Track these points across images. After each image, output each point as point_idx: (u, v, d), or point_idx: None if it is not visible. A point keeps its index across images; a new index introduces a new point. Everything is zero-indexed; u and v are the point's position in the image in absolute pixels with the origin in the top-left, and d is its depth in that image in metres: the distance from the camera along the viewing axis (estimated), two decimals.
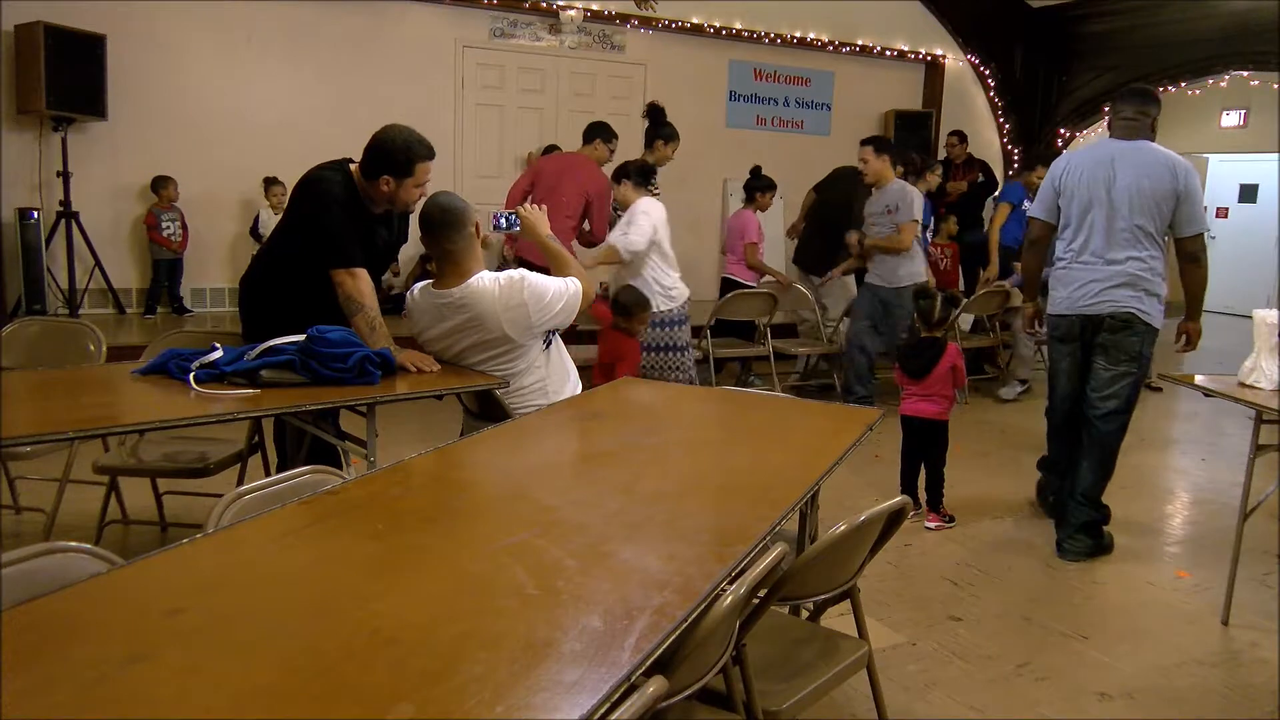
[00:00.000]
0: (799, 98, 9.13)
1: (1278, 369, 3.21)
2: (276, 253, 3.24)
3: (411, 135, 3.04)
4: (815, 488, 2.15)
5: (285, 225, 3.23)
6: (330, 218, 3.00)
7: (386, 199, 3.07)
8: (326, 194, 3.03)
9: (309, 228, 3.05)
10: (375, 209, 3.13)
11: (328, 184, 3.04)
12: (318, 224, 3.02)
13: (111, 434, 3.01)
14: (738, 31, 8.50)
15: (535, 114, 8.04)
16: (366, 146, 3.04)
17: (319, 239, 3.01)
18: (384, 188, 3.02)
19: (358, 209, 3.08)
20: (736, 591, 1.51)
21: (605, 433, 2.59)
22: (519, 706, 1.15)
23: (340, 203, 3.02)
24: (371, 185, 3.05)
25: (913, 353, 4.09)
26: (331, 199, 3.02)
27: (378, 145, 3.02)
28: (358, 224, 3.07)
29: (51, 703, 1.13)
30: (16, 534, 3.51)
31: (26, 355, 3.47)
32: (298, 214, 3.13)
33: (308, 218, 3.06)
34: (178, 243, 6.70)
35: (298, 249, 3.08)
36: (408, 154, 3.00)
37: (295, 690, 1.19)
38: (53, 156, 6.27)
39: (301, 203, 3.09)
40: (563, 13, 7.72)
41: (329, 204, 3.01)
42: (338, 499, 1.88)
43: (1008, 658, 2.94)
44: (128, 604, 1.41)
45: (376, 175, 3.02)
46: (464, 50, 7.68)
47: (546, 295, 2.90)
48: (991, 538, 3.97)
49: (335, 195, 3.03)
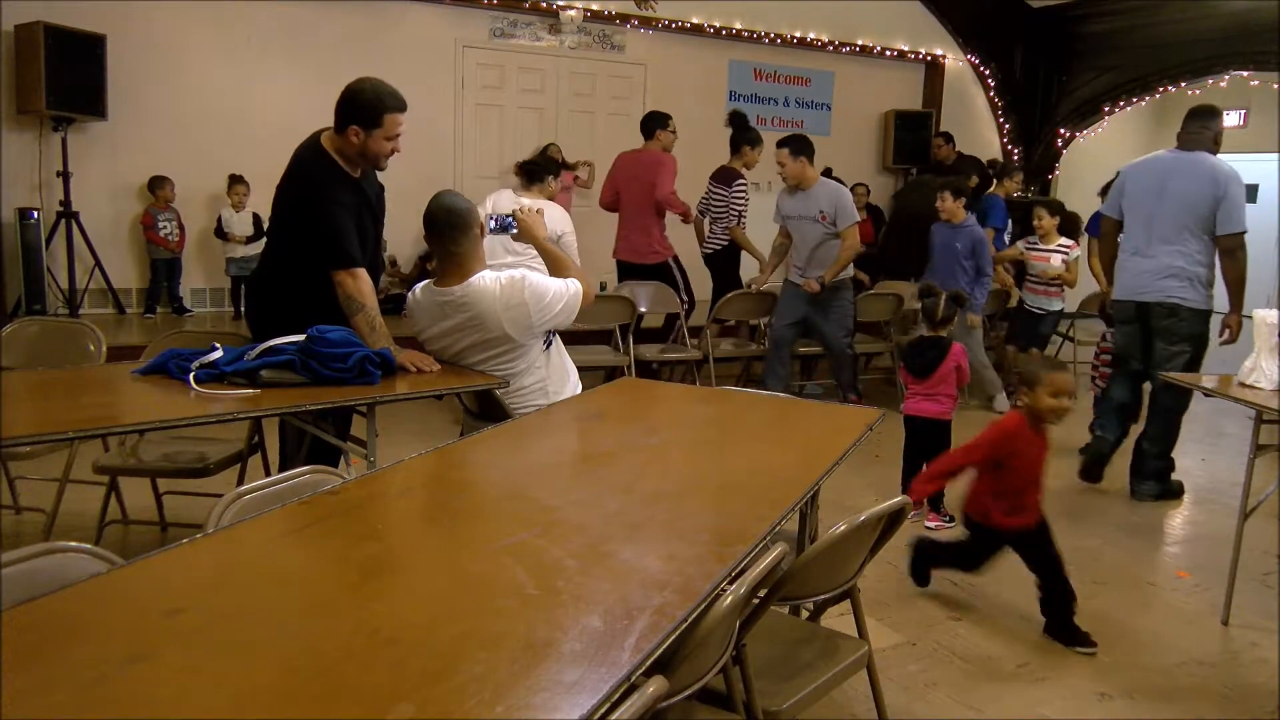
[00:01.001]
0: (799, 98, 9.13)
1: (1278, 369, 3.21)
2: (281, 252, 3.19)
3: (382, 86, 3.01)
4: (815, 488, 2.15)
5: (279, 222, 3.19)
6: (323, 215, 2.97)
7: (358, 152, 3.02)
8: (313, 185, 2.99)
9: (304, 228, 3.02)
10: (352, 171, 3.08)
11: (306, 168, 3.01)
12: (313, 224, 2.99)
13: (111, 434, 3.01)
14: (738, 31, 8.50)
15: (535, 114, 8.04)
16: (338, 99, 3.00)
17: (317, 240, 2.99)
18: (353, 139, 2.98)
19: (335, 180, 3.03)
20: (736, 591, 1.51)
21: (605, 433, 2.59)
22: (519, 706, 1.15)
23: (323, 189, 2.98)
24: (342, 139, 3.01)
25: (916, 352, 4.09)
26: (317, 190, 2.98)
27: (347, 96, 2.99)
28: (342, 194, 3.01)
29: (51, 703, 1.13)
30: (16, 534, 3.51)
31: (26, 355, 3.46)
32: (290, 212, 3.09)
33: (303, 219, 3.02)
34: (175, 242, 6.70)
35: (297, 247, 3.06)
36: (377, 104, 2.97)
37: (295, 690, 1.19)
38: (53, 156, 6.26)
39: (291, 200, 3.06)
40: (563, 13, 7.72)
41: (319, 199, 2.97)
42: (338, 499, 1.88)
43: (1008, 658, 2.94)
44: (128, 604, 1.41)
45: (346, 126, 2.98)
46: (464, 50, 7.68)
47: (547, 295, 2.90)
48: None
49: (319, 183, 2.98)
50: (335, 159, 3.05)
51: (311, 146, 3.07)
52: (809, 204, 5.49)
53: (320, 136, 3.08)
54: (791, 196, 5.61)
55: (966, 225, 5.85)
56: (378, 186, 3.27)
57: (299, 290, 3.05)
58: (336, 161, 3.05)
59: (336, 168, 3.05)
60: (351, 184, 3.09)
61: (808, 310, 5.63)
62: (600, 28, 8.10)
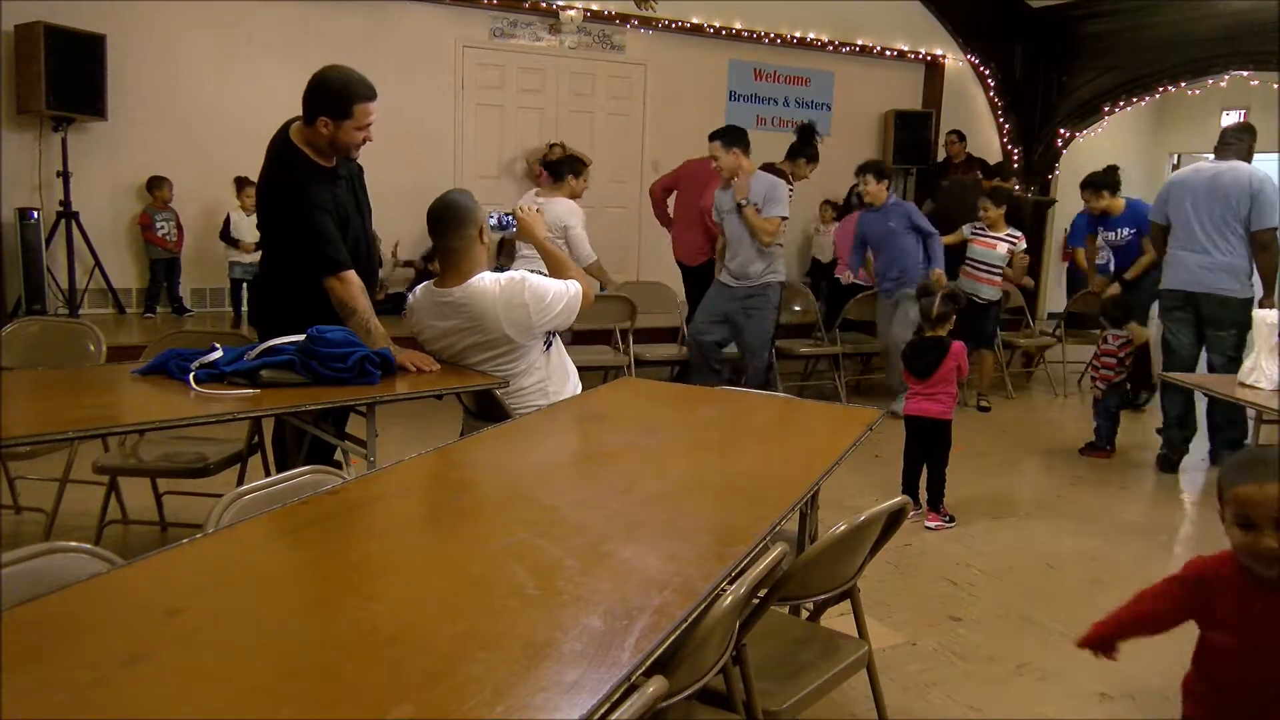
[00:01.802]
0: (799, 98, 9.12)
1: (1278, 369, 3.21)
2: (274, 251, 3.18)
3: (350, 75, 2.94)
4: (815, 488, 2.15)
5: (266, 222, 3.16)
6: (302, 220, 2.92)
7: (328, 143, 2.95)
8: (286, 187, 2.94)
9: (286, 230, 2.99)
10: (325, 161, 3.01)
11: (277, 167, 2.96)
12: (292, 229, 2.95)
13: (111, 434, 3.01)
14: (738, 31, 8.49)
15: (535, 114, 8.03)
16: (305, 89, 2.93)
17: (301, 245, 2.95)
18: (323, 130, 2.91)
19: (308, 177, 2.95)
20: (736, 591, 1.51)
21: (605, 433, 2.59)
22: (519, 706, 1.15)
23: (297, 191, 2.92)
24: (312, 130, 2.94)
25: (917, 353, 4.09)
26: (291, 193, 2.92)
27: (315, 86, 2.92)
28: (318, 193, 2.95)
29: (51, 703, 1.13)
30: (16, 534, 3.51)
31: (26, 355, 3.46)
32: (271, 212, 3.06)
33: (283, 222, 2.99)
34: (173, 243, 6.69)
35: (286, 246, 3.03)
36: (345, 93, 2.90)
37: (295, 690, 1.19)
38: (53, 156, 6.26)
39: (270, 201, 3.04)
40: (563, 13, 7.72)
41: (295, 203, 2.92)
42: (338, 499, 1.88)
43: (1008, 658, 2.94)
44: (128, 604, 1.41)
45: (315, 117, 2.91)
46: (464, 50, 7.67)
47: (547, 296, 2.90)
48: (991, 538, 3.97)
49: (292, 184, 2.92)
50: (306, 152, 2.98)
51: (281, 142, 3.00)
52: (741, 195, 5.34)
53: (289, 129, 3.01)
54: (726, 191, 5.43)
55: (890, 203, 5.89)
56: (355, 168, 3.19)
57: (298, 288, 3.03)
58: (307, 155, 2.98)
59: (308, 162, 2.97)
60: (326, 176, 3.01)
61: (730, 309, 5.47)
62: (600, 28, 8.10)
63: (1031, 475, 4.35)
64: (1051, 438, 5.76)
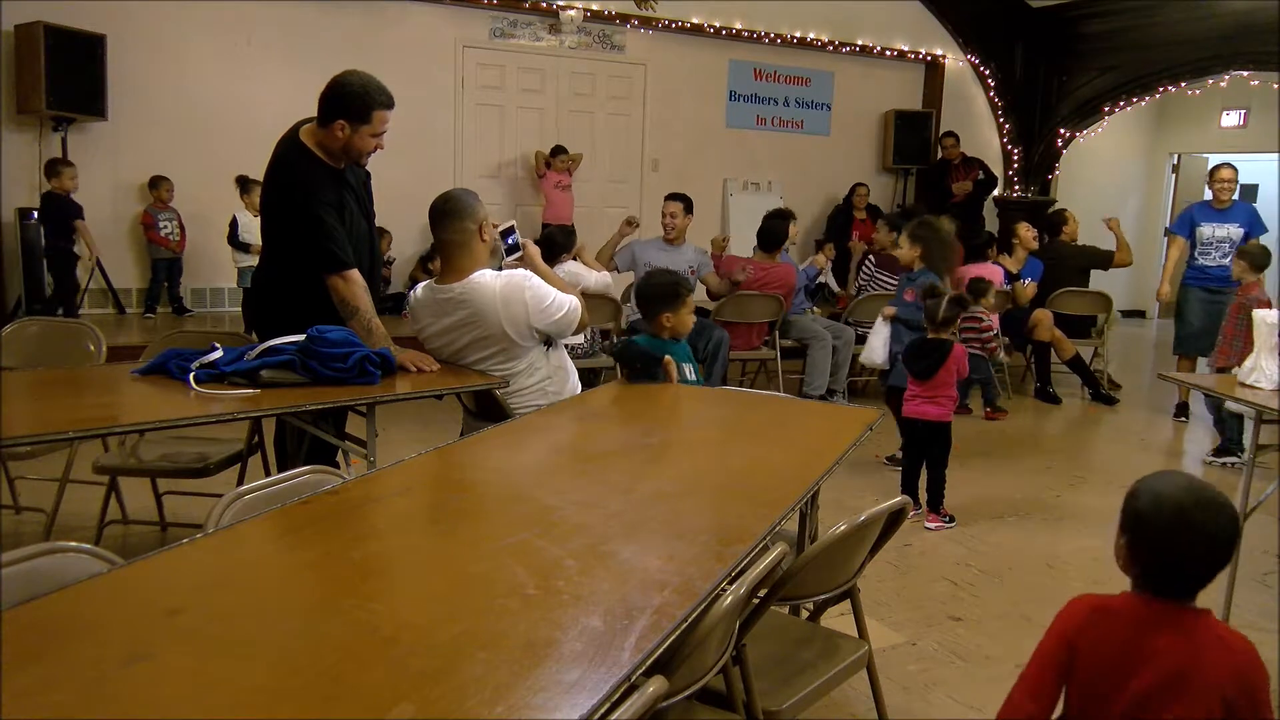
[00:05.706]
0: (799, 98, 9.12)
1: (1278, 369, 3.21)
2: (276, 250, 3.16)
3: (370, 81, 2.94)
4: (815, 488, 2.15)
5: (269, 221, 3.15)
6: (308, 218, 2.91)
7: (341, 147, 2.95)
8: (295, 186, 2.93)
9: (292, 229, 2.98)
10: (334, 164, 3.01)
11: (286, 166, 2.95)
12: (298, 226, 2.94)
13: (111, 434, 3.01)
14: (738, 31, 8.49)
15: (535, 114, 8.03)
16: (322, 92, 2.92)
17: (305, 244, 2.95)
18: (339, 133, 2.91)
19: (317, 178, 2.95)
20: (736, 591, 1.51)
21: (605, 433, 2.59)
22: (519, 706, 1.15)
23: (305, 189, 2.92)
24: (326, 133, 2.93)
25: (919, 354, 4.08)
26: (300, 192, 2.91)
27: (334, 89, 2.91)
28: (326, 193, 2.94)
29: (51, 703, 1.13)
30: (16, 534, 3.51)
31: (26, 355, 3.46)
32: (277, 211, 3.05)
33: (289, 220, 2.98)
34: (176, 242, 6.69)
35: (290, 245, 3.02)
36: (365, 100, 2.90)
37: (295, 690, 1.19)
38: (53, 156, 6.26)
39: (276, 199, 3.03)
40: (563, 13, 7.72)
41: (303, 201, 2.91)
42: (338, 499, 1.88)
43: (1008, 658, 2.94)
44: (128, 604, 1.41)
45: (331, 120, 2.90)
46: (464, 50, 7.67)
47: (546, 300, 2.91)
48: (991, 538, 3.97)
49: (301, 183, 2.92)
50: (316, 153, 2.98)
51: (291, 141, 3.00)
52: (678, 258, 5.65)
53: (300, 130, 3.00)
54: (661, 250, 5.74)
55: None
56: (363, 174, 3.20)
57: (298, 288, 3.02)
58: (317, 155, 2.98)
59: (318, 162, 2.97)
60: (335, 177, 3.01)
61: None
62: (600, 27, 8.10)
63: (1029, 476, 4.35)
64: (1051, 438, 5.77)
